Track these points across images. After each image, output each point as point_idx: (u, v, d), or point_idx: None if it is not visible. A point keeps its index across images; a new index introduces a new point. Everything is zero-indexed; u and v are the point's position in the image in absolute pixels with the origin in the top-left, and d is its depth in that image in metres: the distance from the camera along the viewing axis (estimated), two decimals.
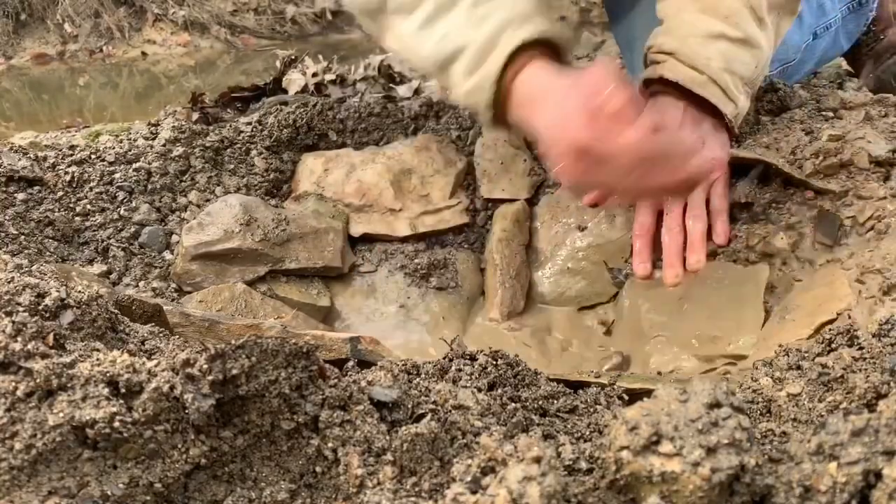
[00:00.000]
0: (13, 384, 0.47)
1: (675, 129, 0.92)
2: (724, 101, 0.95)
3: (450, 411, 0.56)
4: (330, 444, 0.51)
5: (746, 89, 0.98)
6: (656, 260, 1.01)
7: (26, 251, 1.03)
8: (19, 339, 0.50)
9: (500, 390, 0.66)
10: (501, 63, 0.90)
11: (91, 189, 1.17)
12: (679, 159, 0.86)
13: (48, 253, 1.07)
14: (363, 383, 0.56)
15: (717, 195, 1.01)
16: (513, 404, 0.63)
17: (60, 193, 1.15)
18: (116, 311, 0.66)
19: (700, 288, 1.04)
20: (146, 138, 1.29)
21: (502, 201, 1.26)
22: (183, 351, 0.52)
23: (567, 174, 0.85)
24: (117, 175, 1.20)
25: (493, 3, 0.94)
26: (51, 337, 0.53)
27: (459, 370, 0.69)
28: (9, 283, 0.58)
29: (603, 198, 1.05)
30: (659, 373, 0.99)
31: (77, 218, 1.14)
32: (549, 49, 0.92)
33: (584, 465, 0.50)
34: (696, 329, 1.02)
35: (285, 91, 1.54)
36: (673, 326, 1.04)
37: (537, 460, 0.44)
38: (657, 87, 0.97)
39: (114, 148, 1.24)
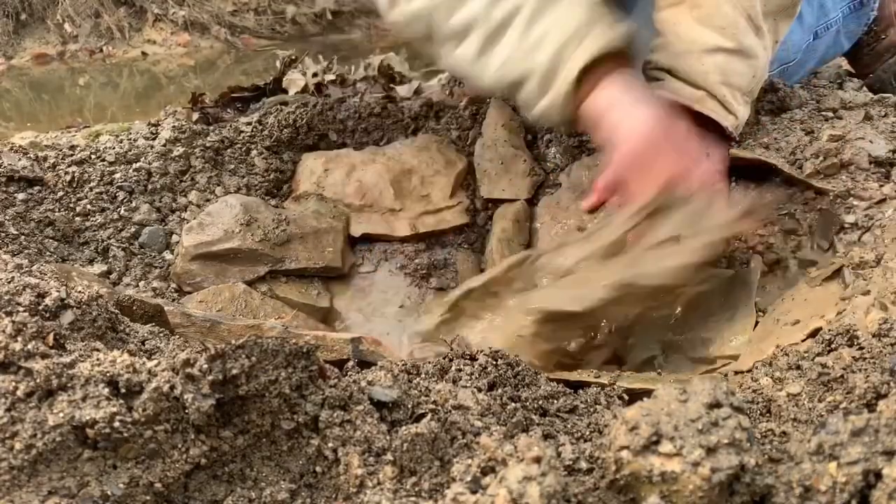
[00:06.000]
0: (13, 384, 0.47)
1: (685, 141, 0.93)
2: (723, 114, 0.96)
3: (450, 411, 0.56)
4: (330, 444, 0.51)
5: (745, 99, 0.99)
6: None
7: (26, 251, 1.03)
8: (19, 339, 0.50)
9: (500, 390, 0.66)
10: (568, 89, 0.90)
11: (91, 189, 1.17)
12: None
13: (48, 253, 1.07)
14: (363, 383, 0.56)
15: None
16: (513, 404, 0.63)
17: (60, 193, 1.15)
18: (116, 311, 0.66)
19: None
20: (146, 138, 1.29)
21: (502, 201, 1.26)
22: (183, 351, 0.52)
23: (637, 189, 0.91)
24: (117, 175, 1.20)
25: (546, 21, 0.91)
26: (51, 337, 0.53)
27: (459, 370, 0.69)
28: (9, 283, 0.58)
29: (601, 203, 1.07)
30: (658, 373, 0.99)
31: (77, 218, 1.14)
32: (614, 54, 0.91)
33: (584, 465, 0.50)
34: (686, 331, 1.02)
35: (285, 91, 1.54)
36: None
37: (537, 460, 0.44)
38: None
39: (114, 148, 1.24)
